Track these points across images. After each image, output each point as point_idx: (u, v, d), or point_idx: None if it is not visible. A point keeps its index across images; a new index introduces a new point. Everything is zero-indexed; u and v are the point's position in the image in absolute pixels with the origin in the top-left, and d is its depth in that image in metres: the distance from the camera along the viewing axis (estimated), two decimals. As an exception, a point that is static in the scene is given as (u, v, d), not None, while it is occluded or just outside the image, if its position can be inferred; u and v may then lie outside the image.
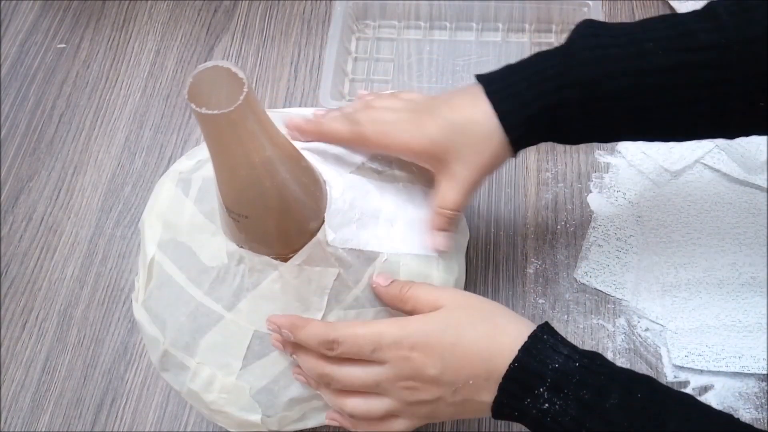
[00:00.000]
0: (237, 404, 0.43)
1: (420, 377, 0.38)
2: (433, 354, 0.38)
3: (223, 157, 0.34)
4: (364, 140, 0.44)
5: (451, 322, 0.39)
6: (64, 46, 0.74)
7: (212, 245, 0.43)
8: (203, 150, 0.48)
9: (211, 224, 0.43)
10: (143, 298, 0.45)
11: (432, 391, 0.39)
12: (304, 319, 0.41)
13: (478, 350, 0.38)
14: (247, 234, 0.40)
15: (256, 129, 0.33)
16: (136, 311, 0.46)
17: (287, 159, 0.37)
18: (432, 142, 0.43)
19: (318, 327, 0.40)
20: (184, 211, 0.44)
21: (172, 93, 0.70)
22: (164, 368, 0.45)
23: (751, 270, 0.55)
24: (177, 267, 0.43)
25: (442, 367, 0.38)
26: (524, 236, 0.60)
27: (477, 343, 0.38)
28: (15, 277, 0.62)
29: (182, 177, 0.46)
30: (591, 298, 0.56)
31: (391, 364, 0.39)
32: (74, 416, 0.55)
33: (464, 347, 0.38)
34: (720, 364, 0.52)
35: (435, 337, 0.38)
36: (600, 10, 0.66)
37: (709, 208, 0.58)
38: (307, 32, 0.72)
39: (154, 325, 0.44)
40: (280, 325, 0.41)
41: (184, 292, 0.43)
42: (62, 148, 0.68)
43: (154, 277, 0.44)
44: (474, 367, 0.38)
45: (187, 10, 0.75)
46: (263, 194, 0.37)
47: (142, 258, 0.46)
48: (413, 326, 0.39)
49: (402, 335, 0.38)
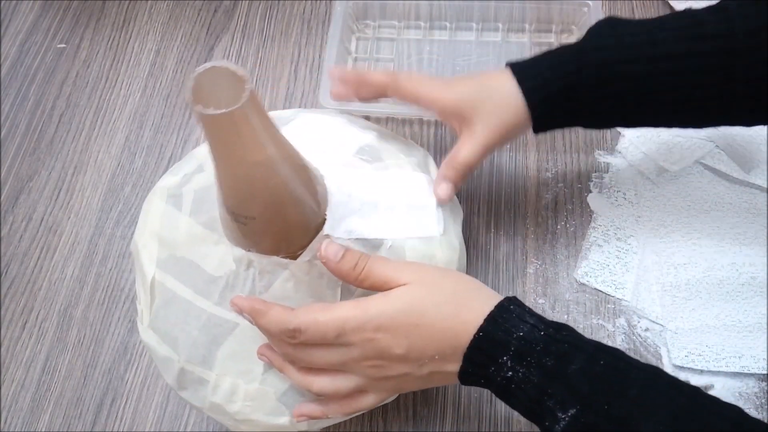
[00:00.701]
0: (263, 410, 0.42)
1: (386, 356, 0.38)
2: (397, 334, 0.38)
3: (226, 158, 0.34)
4: (398, 88, 0.49)
5: (415, 302, 0.38)
6: (64, 46, 0.74)
7: (216, 254, 0.42)
8: (187, 164, 0.48)
9: (213, 233, 0.43)
10: (149, 320, 0.44)
11: (399, 368, 0.39)
12: (266, 304, 0.39)
13: (442, 328, 0.38)
14: (254, 236, 0.40)
15: (260, 127, 0.33)
16: (143, 334, 0.45)
17: (288, 156, 0.37)
18: (459, 99, 0.47)
19: (278, 314, 0.39)
20: (179, 226, 0.44)
21: (172, 93, 0.70)
22: (182, 387, 0.44)
23: (751, 270, 0.55)
24: (180, 282, 0.43)
25: (407, 346, 0.38)
26: (524, 236, 0.60)
27: (442, 322, 0.38)
28: (15, 277, 0.62)
29: (171, 193, 0.46)
30: (591, 298, 0.56)
31: (356, 346, 0.38)
32: (74, 416, 0.55)
33: (429, 326, 0.38)
34: (720, 364, 0.52)
35: (399, 319, 0.38)
36: (600, 10, 0.66)
37: (709, 208, 0.58)
38: (307, 32, 0.72)
39: (165, 345, 0.43)
40: (241, 308, 0.40)
41: (192, 306, 0.42)
42: (62, 148, 0.68)
43: (158, 297, 0.43)
44: (439, 343, 0.38)
45: (187, 10, 0.75)
46: (269, 193, 0.37)
47: (140, 280, 0.45)
48: (376, 308, 0.38)
49: (365, 318, 0.38)
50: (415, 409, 0.53)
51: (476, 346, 0.37)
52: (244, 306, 0.40)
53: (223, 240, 0.42)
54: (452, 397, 0.54)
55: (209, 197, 0.44)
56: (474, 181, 0.62)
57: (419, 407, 0.53)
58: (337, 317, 0.38)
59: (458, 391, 0.54)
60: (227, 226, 0.41)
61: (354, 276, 0.39)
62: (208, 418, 0.54)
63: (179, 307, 0.43)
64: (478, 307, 0.38)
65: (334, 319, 0.38)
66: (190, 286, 0.43)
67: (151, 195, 0.48)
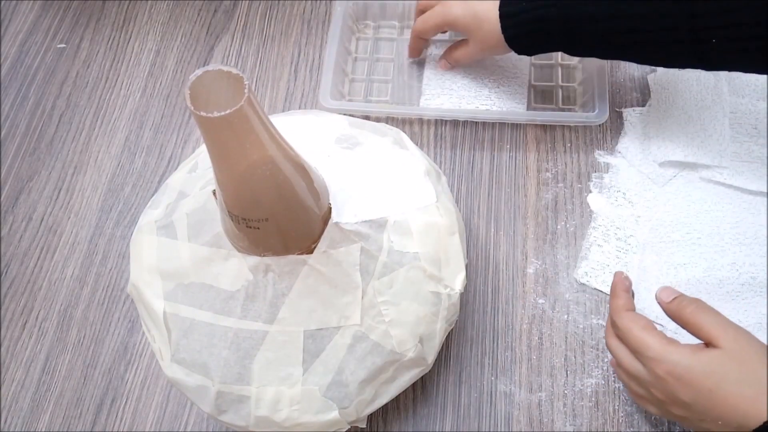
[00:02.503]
0: (311, 410, 0.42)
1: (670, 397, 0.40)
2: (687, 387, 0.39)
3: (228, 160, 0.34)
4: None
5: (718, 370, 0.39)
6: (64, 46, 0.74)
7: (229, 269, 0.42)
8: (165, 195, 0.48)
9: (220, 250, 0.42)
10: (171, 355, 0.43)
11: (678, 410, 0.41)
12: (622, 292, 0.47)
13: (734, 405, 0.38)
14: (268, 239, 0.40)
15: (261, 127, 0.33)
16: (168, 371, 0.44)
17: (288, 154, 0.37)
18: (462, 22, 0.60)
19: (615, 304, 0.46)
20: (180, 255, 0.43)
21: (172, 93, 0.70)
22: (221, 411, 0.43)
23: (751, 270, 0.55)
24: (196, 308, 0.42)
25: (692, 399, 0.39)
26: (524, 236, 0.60)
27: (736, 400, 0.38)
28: (15, 277, 0.62)
29: (161, 225, 0.45)
30: (591, 298, 0.56)
31: (649, 372, 0.41)
32: (74, 416, 0.55)
33: (722, 398, 0.38)
34: (720, 364, 0.52)
35: (694, 376, 0.39)
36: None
37: (709, 208, 0.58)
38: (307, 32, 0.72)
39: (195, 374, 0.42)
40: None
41: (216, 327, 0.42)
42: (62, 148, 0.68)
43: (174, 329, 0.43)
44: (725, 415, 0.38)
45: (187, 10, 0.75)
46: (278, 191, 0.37)
47: (149, 320, 0.45)
48: (677, 355, 0.40)
49: (662, 357, 0.40)
50: (415, 409, 0.53)
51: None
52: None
53: (233, 253, 0.42)
54: (452, 397, 0.54)
55: (206, 217, 0.43)
56: (474, 181, 0.62)
57: (419, 407, 0.54)
58: (642, 339, 0.42)
59: (458, 391, 0.54)
60: (236, 237, 0.40)
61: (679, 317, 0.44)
62: (208, 419, 0.54)
63: (201, 332, 0.42)
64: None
65: (638, 338, 0.43)
66: (207, 308, 0.42)
67: (137, 234, 0.47)
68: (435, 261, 0.45)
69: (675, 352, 0.40)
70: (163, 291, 0.43)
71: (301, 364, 0.42)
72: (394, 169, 0.48)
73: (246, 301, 0.42)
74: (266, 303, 0.41)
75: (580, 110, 0.65)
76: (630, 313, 0.45)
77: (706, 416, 0.39)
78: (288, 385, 0.42)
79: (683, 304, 0.44)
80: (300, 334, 0.42)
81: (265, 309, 0.41)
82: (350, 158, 0.47)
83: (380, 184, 0.46)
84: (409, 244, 0.44)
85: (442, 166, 0.63)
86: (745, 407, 0.38)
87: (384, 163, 0.48)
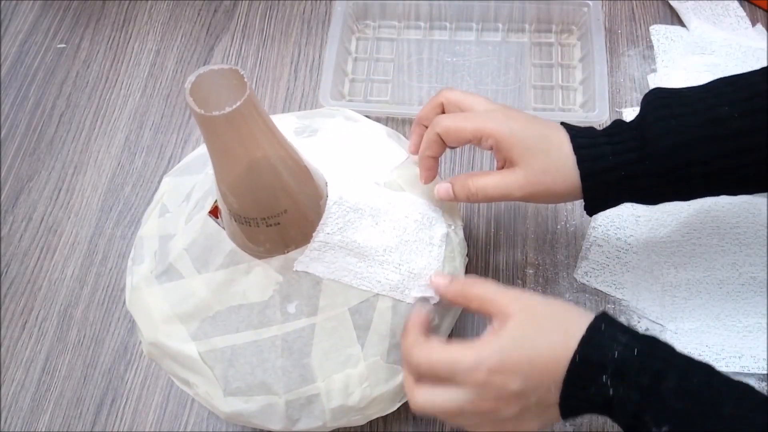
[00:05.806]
0: (381, 380, 0.43)
1: (502, 396, 0.38)
2: (512, 374, 0.38)
3: (234, 160, 0.34)
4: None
5: (525, 335, 0.38)
6: (64, 46, 0.74)
7: (255, 281, 0.41)
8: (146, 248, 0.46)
9: (239, 266, 0.41)
10: (222, 390, 0.42)
11: (516, 405, 0.38)
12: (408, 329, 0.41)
13: (554, 358, 0.38)
14: (289, 232, 0.39)
15: (263, 126, 0.34)
16: (225, 408, 0.42)
17: (284, 145, 0.37)
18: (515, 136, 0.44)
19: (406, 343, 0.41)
20: (195, 291, 0.42)
21: (172, 93, 0.70)
22: (294, 420, 0.42)
23: (751, 270, 0.55)
24: (232, 333, 0.41)
25: (522, 382, 0.38)
26: (524, 236, 0.60)
27: (551, 353, 0.38)
28: (15, 277, 0.62)
29: (157, 273, 0.44)
30: (591, 298, 0.56)
31: (471, 388, 0.38)
32: (74, 416, 0.55)
33: (542, 362, 0.38)
34: (720, 364, 0.52)
35: (511, 357, 0.38)
36: (600, 10, 0.66)
37: (709, 208, 0.58)
38: (307, 32, 0.72)
39: (256, 396, 0.41)
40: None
41: (261, 342, 0.41)
42: (62, 148, 0.68)
43: (217, 364, 0.41)
44: (553, 374, 0.38)
45: (187, 10, 0.75)
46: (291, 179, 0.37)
47: (183, 369, 0.43)
48: (486, 349, 0.38)
49: (476, 359, 0.38)
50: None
51: (575, 370, 0.37)
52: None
53: (254, 263, 0.41)
54: (452, 397, 0.54)
55: (209, 243, 0.42)
56: (474, 181, 0.62)
57: (419, 407, 0.53)
58: (449, 359, 0.38)
59: (458, 391, 0.54)
60: (255, 243, 0.40)
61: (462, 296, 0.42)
62: (208, 418, 0.54)
63: (247, 353, 0.41)
64: (577, 330, 0.38)
65: (445, 360, 0.38)
66: (245, 328, 0.41)
67: (133, 294, 0.45)
68: (434, 205, 0.47)
69: (482, 348, 0.38)
70: (188, 333, 0.42)
71: (356, 341, 0.42)
72: (359, 141, 0.49)
73: (284, 303, 0.41)
74: (304, 297, 0.41)
75: (580, 110, 0.65)
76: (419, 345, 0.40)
77: (540, 389, 0.38)
78: (352, 366, 0.42)
79: (468, 283, 0.42)
80: (346, 314, 0.41)
81: (305, 303, 0.41)
82: (316, 144, 0.47)
83: (355, 157, 0.47)
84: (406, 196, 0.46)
85: (442, 165, 0.63)
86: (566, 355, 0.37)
87: (348, 139, 0.49)
